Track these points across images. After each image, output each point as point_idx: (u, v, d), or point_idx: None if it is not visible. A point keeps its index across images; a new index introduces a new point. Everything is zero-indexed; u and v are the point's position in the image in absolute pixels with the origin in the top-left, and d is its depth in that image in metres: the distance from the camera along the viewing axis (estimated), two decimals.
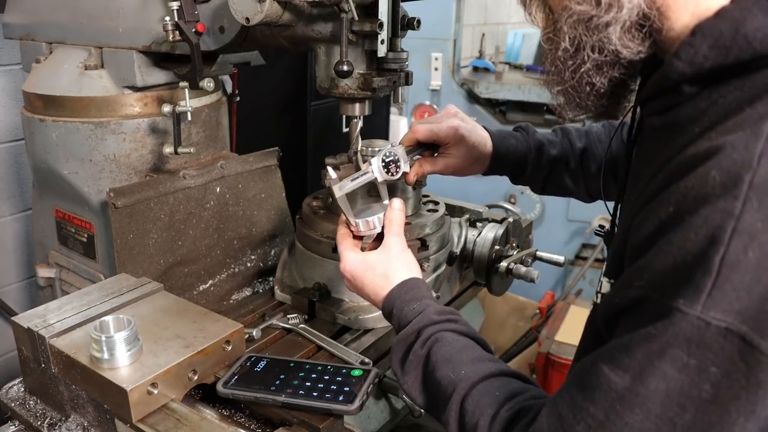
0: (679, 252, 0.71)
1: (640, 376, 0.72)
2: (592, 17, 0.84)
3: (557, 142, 1.50)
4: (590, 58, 0.87)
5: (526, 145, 1.48)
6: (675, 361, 0.70)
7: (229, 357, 1.17)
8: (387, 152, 1.29)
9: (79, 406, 1.15)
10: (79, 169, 1.61)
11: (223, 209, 1.67)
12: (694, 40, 0.79)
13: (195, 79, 1.44)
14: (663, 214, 0.75)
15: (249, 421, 1.12)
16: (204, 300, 1.58)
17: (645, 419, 0.72)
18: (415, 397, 1.03)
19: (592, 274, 3.88)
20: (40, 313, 1.21)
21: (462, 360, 0.97)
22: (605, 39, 0.85)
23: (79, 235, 1.71)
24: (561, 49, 0.89)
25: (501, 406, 0.88)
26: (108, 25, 1.58)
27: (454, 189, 3.65)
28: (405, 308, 1.08)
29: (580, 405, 0.77)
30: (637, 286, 0.76)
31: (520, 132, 1.52)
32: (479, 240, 1.61)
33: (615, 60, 0.87)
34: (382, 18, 1.25)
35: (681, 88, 0.82)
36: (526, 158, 1.48)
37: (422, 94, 4.17)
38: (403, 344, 1.05)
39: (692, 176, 0.73)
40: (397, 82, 1.38)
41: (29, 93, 1.67)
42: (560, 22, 0.88)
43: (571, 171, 1.49)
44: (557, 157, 1.48)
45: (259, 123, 2.51)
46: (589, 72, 0.88)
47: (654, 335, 0.72)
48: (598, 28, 0.85)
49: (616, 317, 0.80)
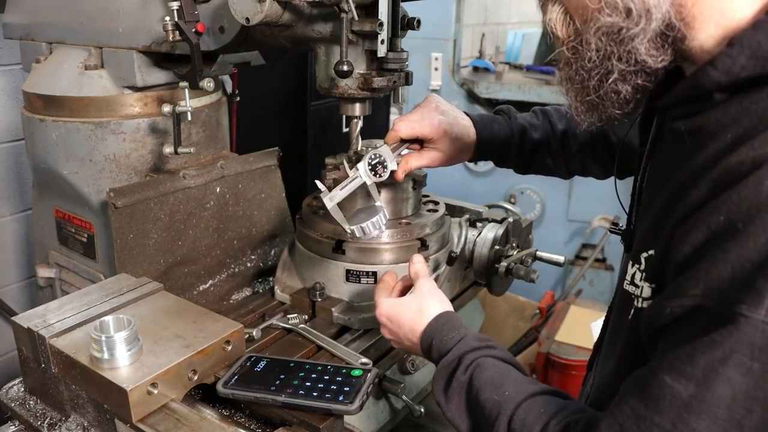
0: (738, 260, 0.73)
1: (705, 383, 0.74)
2: (621, 29, 0.86)
3: (539, 125, 1.53)
4: (617, 68, 0.88)
5: (509, 130, 1.51)
6: (739, 366, 0.72)
7: (229, 357, 1.17)
8: (372, 155, 1.31)
9: (79, 406, 1.15)
10: (79, 169, 1.61)
11: (223, 209, 1.67)
12: (732, 51, 0.80)
13: (195, 79, 1.44)
14: (714, 224, 0.77)
15: (249, 421, 1.12)
16: (204, 300, 1.58)
17: (712, 424, 0.73)
18: (459, 424, 1.04)
19: (592, 274, 3.88)
20: (40, 313, 1.21)
21: (504, 382, 0.99)
22: (633, 49, 0.86)
23: (79, 235, 1.72)
24: (587, 59, 0.90)
25: (548, 421, 0.90)
26: (108, 25, 1.58)
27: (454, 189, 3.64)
28: (444, 338, 1.10)
29: (643, 415, 0.78)
30: (692, 294, 0.77)
31: (502, 116, 1.54)
32: (479, 240, 1.61)
33: (640, 68, 0.88)
34: (382, 18, 1.25)
35: (712, 95, 0.84)
36: (509, 143, 1.51)
37: (422, 94, 4.12)
38: (445, 372, 1.06)
39: (743, 186, 0.75)
40: (397, 82, 1.38)
41: (29, 93, 1.67)
42: (587, 33, 0.89)
43: (553, 153, 1.53)
44: (539, 141, 1.51)
45: (259, 123, 2.51)
46: (616, 81, 0.90)
47: (718, 342, 0.73)
48: (627, 40, 0.86)
49: (666, 327, 0.81)
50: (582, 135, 1.50)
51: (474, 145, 1.48)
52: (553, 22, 0.94)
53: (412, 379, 1.46)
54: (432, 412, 1.45)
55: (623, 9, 0.84)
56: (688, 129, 0.89)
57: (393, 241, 1.46)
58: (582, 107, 0.96)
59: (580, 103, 0.96)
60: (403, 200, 1.52)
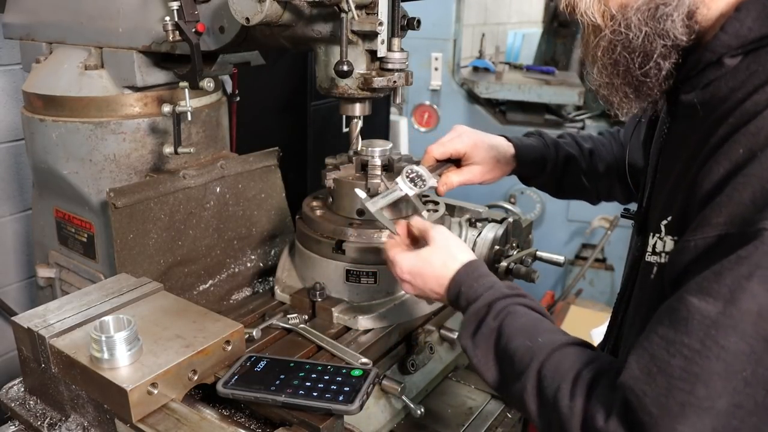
0: (758, 182, 0.77)
1: (732, 299, 0.75)
2: (659, 6, 0.91)
3: (568, 142, 1.57)
4: (659, 44, 0.93)
5: (543, 143, 1.55)
6: (764, 281, 0.74)
7: (229, 357, 1.17)
8: (408, 170, 1.35)
9: (79, 406, 1.15)
10: (79, 169, 1.61)
11: (223, 209, 1.67)
12: (740, 15, 0.87)
13: (195, 79, 1.44)
14: (734, 156, 0.81)
15: (249, 421, 1.12)
16: (204, 300, 1.58)
17: (740, 341, 0.75)
18: (485, 371, 1.03)
19: (592, 274, 3.88)
20: (40, 313, 1.21)
21: (537, 330, 0.99)
22: (671, 26, 0.91)
23: (79, 235, 1.72)
24: (631, 38, 0.94)
25: (581, 370, 0.90)
26: (108, 25, 1.58)
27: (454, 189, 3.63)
28: (474, 284, 1.10)
29: (672, 339, 0.79)
30: (716, 223, 0.80)
31: (532, 135, 1.59)
32: (479, 240, 1.61)
33: (675, 44, 0.93)
34: (382, 18, 1.25)
35: (722, 61, 0.89)
36: (545, 155, 1.53)
37: (422, 94, 4.17)
38: (474, 318, 1.06)
39: (759, 119, 0.81)
40: (397, 82, 1.38)
41: (29, 93, 1.67)
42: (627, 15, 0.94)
43: (584, 170, 1.55)
44: (572, 155, 1.54)
45: (259, 123, 2.51)
46: (658, 58, 0.94)
47: (743, 257, 0.75)
48: (665, 17, 0.91)
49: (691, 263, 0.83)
50: (607, 156, 1.54)
51: (512, 156, 1.51)
52: (590, 11, 0.97)
53: (412, 379, 1.46)
54: (432, 412, 1.45)
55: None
56: (700, 100, 0.93)
57: None
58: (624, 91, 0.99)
59: (623, 85, 0.98)
60: (403, 200, 1.52)
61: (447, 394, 1.54)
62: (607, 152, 1.55)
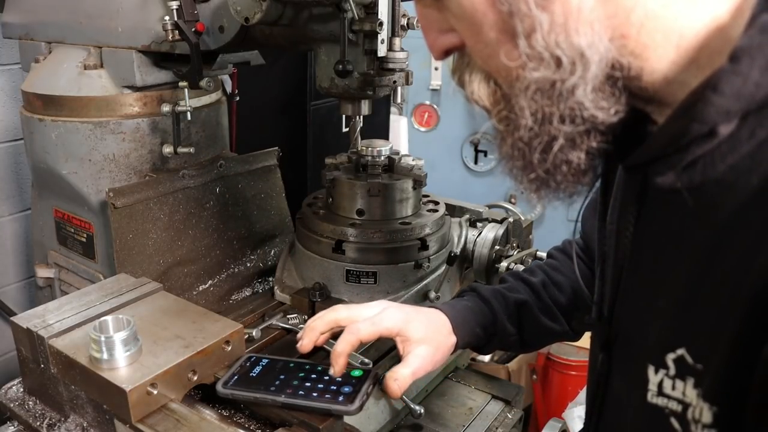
0: None
1: None
2: (555, 82, 0.67)
3: (512, 285, 1.30)
4: (561, 131, 0.70)
5: (479, 298, 1.27)
6: None
7: (228, 357, 1.17)
8: None
9: (79, 407, 1.15)
10: (79, 169, 1.61)
11: (223, 209, 1.67)
12: (740, 67, 0.61)
13: (195, 78, 1.44)
14: None
15: (249, 422, 1.12)
16: (204, 300, 1.58)
17: None
18: None
19: None
20: (39, 313, 1.20)
21: None
22: (577, 105, 0.68)
23: (78, 235, 1.71)
24: (522, 127, 0.72)
25: None
26: (107, 24, 1.57)
27: (454, 189, 3.65)
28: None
29: None
30: None
31: (466, 293, 1.31)
32: (479, 240, 1.61)
33: (590, 127, 0.70)
34: (382, 17, 1.25)
35: (716, 131, 0.64)
36: (486, 316, 1.23)
37: (422, 94, 4.17)
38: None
39: None
40: (397, 82, 1.38)
41: (28, 93, 1.67)
42: (515, 96, 0.71)
43: (543, 310, 1.26)
44: (521, 301, 1.26)
45: (259, 123, 2.51)
46: (563, 149, 0.71)
47: None
48: (565, 94, 0.68)
49: None
50: (568, 278, 1.29)
51: (448, 319, 1.19)
52: (477, 93, 0.78)
53: None
54: (432, 412, 1.45)
55: (550, 59, 0.66)
56: (686, 185, 0.68)
57: (393, 241, 1.46)
58: (532, 187, 0.77)
59: (529, 183, 0.76)
60: (403, 200, 1.52)
61: (447, 394, 1.54)
62: (565, 274, 1.29)
